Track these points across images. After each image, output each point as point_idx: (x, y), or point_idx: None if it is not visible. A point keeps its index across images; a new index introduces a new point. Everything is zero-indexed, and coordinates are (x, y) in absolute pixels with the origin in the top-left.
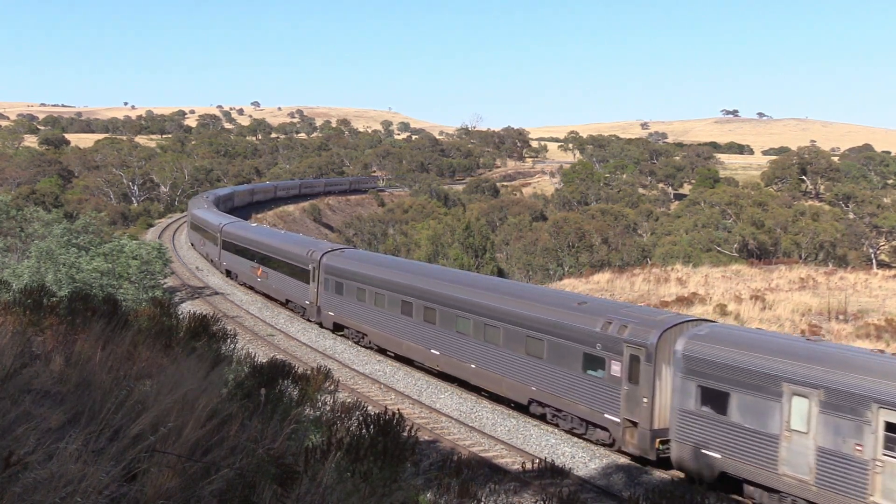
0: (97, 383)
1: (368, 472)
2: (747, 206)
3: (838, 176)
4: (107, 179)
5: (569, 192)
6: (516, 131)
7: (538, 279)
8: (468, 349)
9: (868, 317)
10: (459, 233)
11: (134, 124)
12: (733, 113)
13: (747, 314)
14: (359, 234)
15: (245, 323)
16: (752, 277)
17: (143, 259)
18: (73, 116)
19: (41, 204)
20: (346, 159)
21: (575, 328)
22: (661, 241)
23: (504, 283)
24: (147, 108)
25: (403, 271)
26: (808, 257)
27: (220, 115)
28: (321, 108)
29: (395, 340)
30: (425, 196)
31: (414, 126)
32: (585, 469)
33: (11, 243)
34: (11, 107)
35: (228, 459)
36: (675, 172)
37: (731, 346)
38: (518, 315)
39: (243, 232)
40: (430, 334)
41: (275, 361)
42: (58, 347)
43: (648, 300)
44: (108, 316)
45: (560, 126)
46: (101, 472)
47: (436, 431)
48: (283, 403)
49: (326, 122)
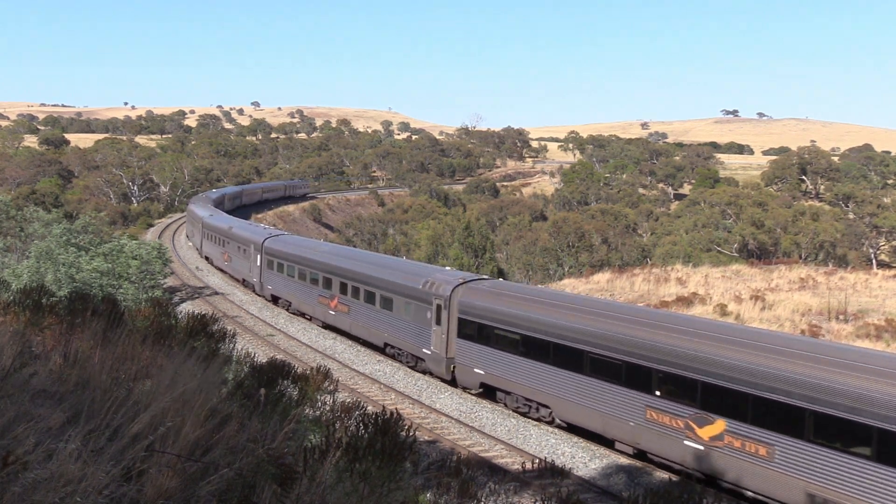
0: (96, 383)
1: (367, 472)
2: (747, 206)
3: (838, 176)
4: (107, 179)
5: (569, 192)
6: (516, 131)
7: (538, 279)
8: (351, 308)
9: (868, 317)
10: (459, 233)
11: (134, 124)
12: (733, 113)
13: (747, 314)
14: (359, 234)
15: (245, 323)
16: (752, 277)
17: (142, 259)
18: (73, 116)
19: (41, 204)
20: (346, 159)
21: (408, 287)
22: (661, 241)
23: (365, 254)
24: (147, 108)
25: (312, 250)
26: (808, 257)
27: (220, 115)
28: (321, 108)
29: (307, 305)
30: (425, 196)
31: (414, 126)
32: (585, 469)
33: (11, 243)
34: (11, 107)
35: (228, 459)
36: (675, 172)
37: (487, 296)
38: (377, 279)
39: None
40: (325, 298)
41: (274, 361)
42: (57, 347)
43: (648, 300)
44: (108, 316)
45: (560, 126)
46: (100, 472)
47: (435, 431)
48: (283, 403)
49: (326, 122)
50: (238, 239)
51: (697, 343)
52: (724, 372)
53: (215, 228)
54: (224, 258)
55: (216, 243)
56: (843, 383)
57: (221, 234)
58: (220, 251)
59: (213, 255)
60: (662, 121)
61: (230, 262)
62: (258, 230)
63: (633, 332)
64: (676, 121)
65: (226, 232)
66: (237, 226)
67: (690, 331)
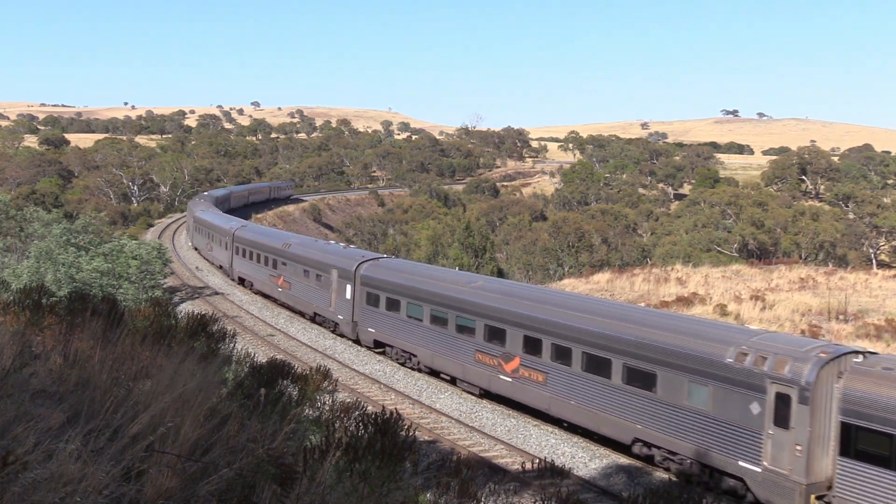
0: (96, 383)
1: (367, 472)
2: (747, 206)
3: (838, 176)
4: (107, 179)
5: (569, 192)
6: (516, 131)
7: (538, 279)
8: (291, 284)
9: (868, 317)
10: (459, 233)
11: (134, 124)
12: (733, 113)
13: (747, 314)
14: (359, 234)
15: (245, 323)
16: (752, 277)
17: (142, 259)
18: (73, 116)
19: (41, 204)
20: (346, 159)
21: (329, 264)
22: (661, 241)
23: (305, 239)
24: (147, 108)
25: (265, 237)
26: (808, 257)
27: (220, 115)
28: (321, 108)
29: (264, 284)
30: (425, 196)
31: (414, 126)
32: (585, 469)
33: (11, 243)
34: (11, 107)
35: (227, 459)
36: (675, 172)
37: (380, 270)
38: (305, 258)
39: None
40: (274, 277)
41: (274, 361)
42: (57, 347)
43: (648, 300)
44: (108, 316)
45: (560, 126)
46: (100, 472)
47: (435, 431)
48: (283, 403)
49: (326, 122)
50: (307, 262)
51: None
52: (519, 320)
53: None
54: (279, 283)
55: (265, 264)
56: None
57: (274, 253)
58: (269, 274)
59: (257, 277)
60: (662, 121)
61: (288, 290)
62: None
63: (462, 296)
64: (676, 121)
65: (280, 251)
66: (298, 242)
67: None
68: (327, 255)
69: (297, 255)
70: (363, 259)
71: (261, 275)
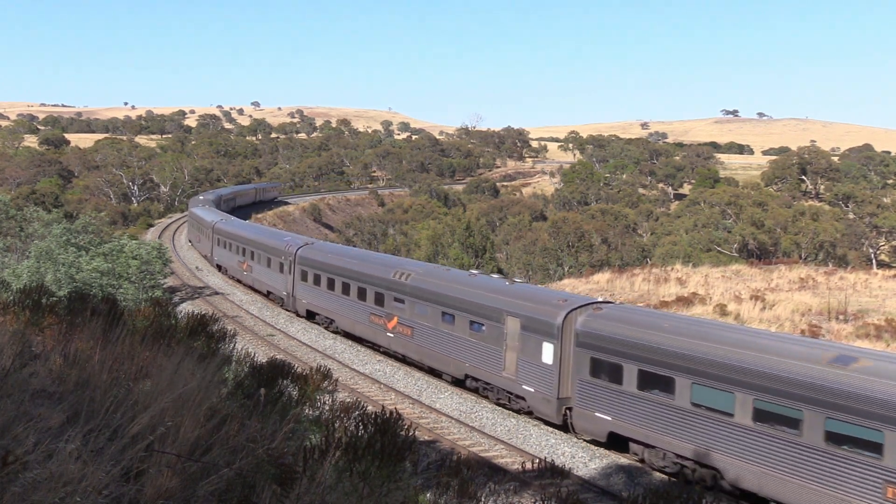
0: (96, 382)
1: (367, 472)
2: (747, 206)
3: (838, 176)
4: (107, 179)
5: (569, 192)
6: (516, 131)
7: (538, 279)
8: (252, 268)
9: (868, 317)
10: (459, 233)
11: (134, 124)
12: (733, 113)
13: (747, 314)
14: (359, 233)
15: (245, 323)
16: (752, 277)
17: (142, 259)
18: (73, 116)
19: (41, 204)
20: (346, 159)
21: (275, 247)
22: (661, 241)
23: (260, 228)
24: (147, 108)
25: (239, 228)
26: (808, 257)
27: (220, 115)
28: (321, 108)
29: (234, 269)
30: (425, 196)
31: (414, 126)
32: (585, 469)
33: (11, 243)
34: (11, 107)
35: (227, 459)
36: (675, 172)
37: (314, 252)
38: (258, 242)
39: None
40: (242, 262)
41: (274, 361)
42: (57, 347)
43: (648, 300)
44: (108, 316)
45: (560, 126)
46: (100, 472)
47: (435, 431)
48: (283, 403)
49: (326, 122)
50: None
51: (393, 272)
52: (398, 287)
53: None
54: (244, 267)
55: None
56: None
57: (243, 242)
58: (238, 260)
59: (230, 264)
60: (662, 121)
61: (250, 273)
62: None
63: (364, 270)
64: (676, 121)
65: (248, 240)
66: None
67: (393, 265)
68: (277, 241)
69: (259, 242)
70: (304, 244)
71: (232, 262)
